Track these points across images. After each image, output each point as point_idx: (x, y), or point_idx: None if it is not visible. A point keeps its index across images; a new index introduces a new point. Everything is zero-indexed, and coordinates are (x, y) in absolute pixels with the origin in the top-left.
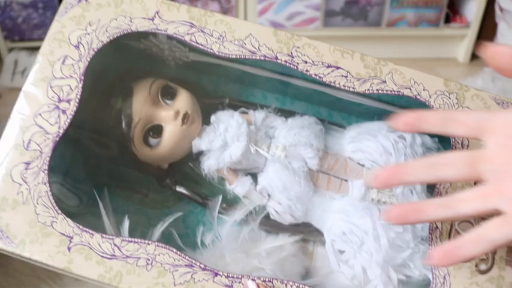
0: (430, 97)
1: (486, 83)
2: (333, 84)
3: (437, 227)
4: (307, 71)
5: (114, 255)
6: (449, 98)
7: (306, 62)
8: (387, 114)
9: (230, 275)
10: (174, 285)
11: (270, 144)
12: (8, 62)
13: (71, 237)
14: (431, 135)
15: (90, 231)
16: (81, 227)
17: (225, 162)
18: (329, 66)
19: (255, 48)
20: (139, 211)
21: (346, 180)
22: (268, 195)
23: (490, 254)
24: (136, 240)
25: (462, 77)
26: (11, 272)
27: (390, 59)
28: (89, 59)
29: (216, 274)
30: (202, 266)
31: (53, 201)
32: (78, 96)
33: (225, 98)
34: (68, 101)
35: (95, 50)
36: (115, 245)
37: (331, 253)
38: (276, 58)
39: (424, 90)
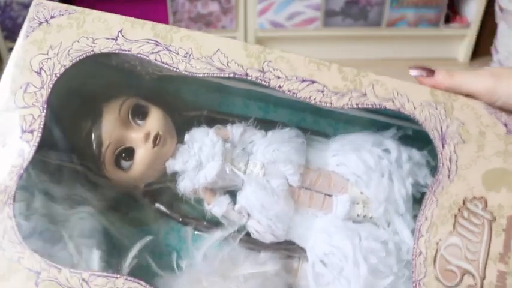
0: (415, 109)
1: None
2: (307, 100)
3: (421, 252)
4: (280, 87)
5: None
6: (437, 109)
7: (279, 77)
8: (375, 122)
9: None
10: None
11: (247, 162)
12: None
13: (39, 273)
14: (420, 149)
15: (58, 266)
16: (48, 262)
17: (200, 183)
18: (304, 80)
19: (224, 64)
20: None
21: (330, 196)
22: (248, 214)
23: (479, 280)
24: (104, 274)
25: None
26: None
27: (390, 59)
28: (51, 86)
29: None
30: None
31: (19, 236)
32: (41, 126)
33: (204, 110)
34: (31, 132)
35: (57, 75)
36: (83, 280)
37: (310, 276)
38: (246, 75)
39: (408, 101)
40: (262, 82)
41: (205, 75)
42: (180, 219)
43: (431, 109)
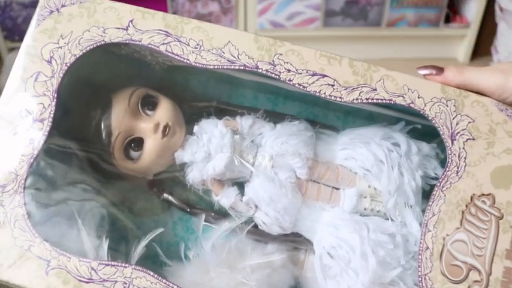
0: (425, 105)
1: None
2: (317, 94)
3: (427, 247)
4: (290, 80)
5: (91, 279)
6: (447, 106)
7: (289, 71)
8: (384, 116)
9: None
10: None
11: (256, 154)
12: (8, 62)
13: (49, 261)
14: (429, 141)
15: (68, 255)
16: (58, 250)
17: (209, 174)
18: (314, 74)
19: (234, 57)
20: (124, 223)
21: (337, 189)
22: (256, 206)
23: (485, 275)
24: (113, 263)
25: None
26: None
27: (390, 59)
28: (61, 75)
29: None
30: None
31: (29, 224)
32: (52, 115)
33: (213, 101)
34: (42, 121)
35: (68, 64)
36: (92, 268)
37: (318, 267)
38: (257, 67)
39: (418, 97)
40: (273, 75)
41: (216, 67)
42: (188, 210)
43: (441, 105)
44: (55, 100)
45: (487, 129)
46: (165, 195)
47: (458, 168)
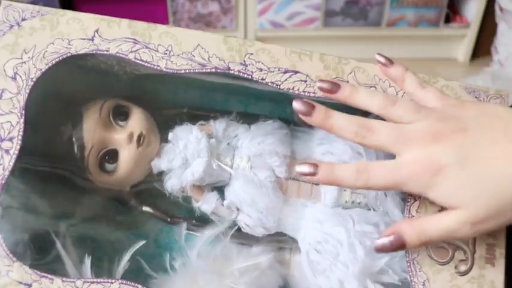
0: (397, 94)
1: (486, 83)
2: (291, 90)
3: None
4: (263, 79)
5: None
6: None
7: (261, 70)
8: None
9: None
10: None
11: (233, 156)
12: None
13: (30, 285)
14: None
15: (50, 276)
16: (39, 272)
17: (188, 181)
18: (286, 71)
19: (205, 60)
20: (106, 240)
21: (317, 185)
22: (237, 209)
23: (469, 254)
24: (98, 280)
25: (462, 77)
26: None
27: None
28: (27, 91)
29: None
30: None
31: (6, 249)
32: (21, 133)
33: (184, 107)
34: (11, 140)
35: (34, 79)
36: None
37: (306, 264)
38: (229, 69)
39: (390, 86)
40: (245, 75)
41: (187, 71)
42: (169, 220)
43: None
44: (23, 117)
45: None
46: (144, 207)
47: None
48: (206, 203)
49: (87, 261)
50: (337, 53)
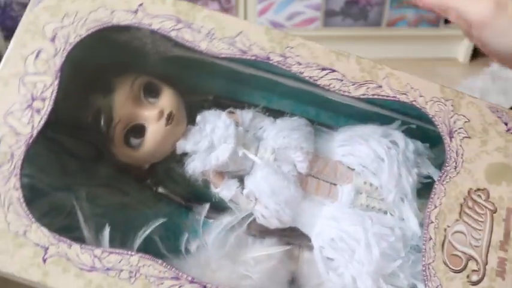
0: (426, 103)
1: (486, 83)
2: (327, 87)
3: (431, 237)
4: (301, 73)
5: (94, 268)
6: (445, 105)
7: (300, 64)
8: (378, 117)
9: None
10: None
11: (258, 147)
12: None
13: (47, 248)
14: (423, 141)
15: (68, 241)
16: (57, 236)
17: (211, 165)
18: (324, 68)
19: (246, 47)
20: (119, 214)
21: (335, 185)
22: (255, 199)
23: (481, 265)
24: (118, 251)
25: (462, 77)
26: None
27: (390, 59)
28: (65, 54)
29: (205, 287)
30: (190, 279)
31: (25, 208)
32: (54, 95)
33: (209, 94)
34: (43, 100)
35: (72, 44)
36: (95, 256)
37: (319, 260)
38: (268, 58)
39: (420, 96)
40: (284, 67)
41: (227, 55)
42: (184, 203)
43: (440, 105)
44: (58, 80)
45: (481, 129)
46: (161, 188)
47: (456, 163)
48: (226, 189)
49: (106, 231)
50: None
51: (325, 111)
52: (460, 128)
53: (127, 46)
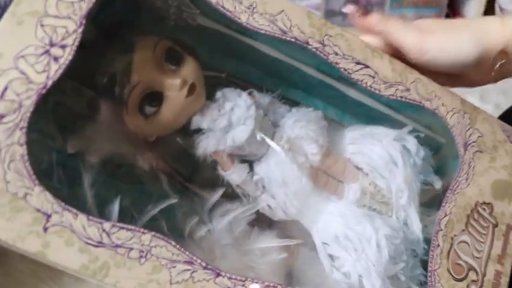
0: (447, 113)
1: None
2: (360, 82)
3: (439, 244)
4: (336, 63)
5: (101, 243)
6: (463, 118)
7: (337, 54)
8: (385, 120)
9: (233, 277)
10: (171, 283)
11: (274, 133)
12: None
13: (49, 216)
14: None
15: (74, 211)
16: (63, 204)
17: (226, 146)
18: (358, 63)
19: (287, 27)
20: (124, 189)
21: (342, 182)
22: (263, 187)
23: (480, 276)
24: (129, 227)
25: None
26: (11, 272)
27: None
28: (94, 0)
29: (218, 275)
30: (204, 265)
31: (29, 168)
32: (76, 44)
33: (223, 72)
34: (63, 47)
35: None
36: (103, 230)
37: (324, 257)
38: (307, 43)
39: (442, 105)
40: (322, 55)
41: (267, 32)
42: (184, 184)
43: (459, 116)
44: (82, 27)
45: (491, 145)
46: (161, 164)
47: (467, 175)
48: (236, 174)
49: (115, 204)
50: None
51: (333, 107)
52: (473, 142)
53: (147, 4)
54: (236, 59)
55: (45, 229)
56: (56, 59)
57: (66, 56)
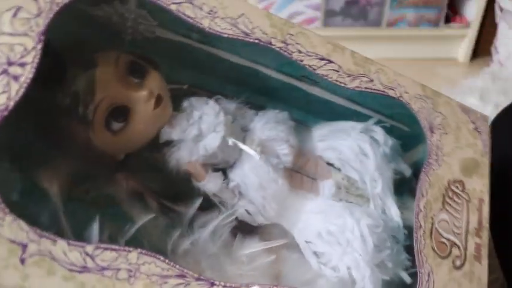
0: (410, 100)
1: (486, 83)
2: (325, 77)
3: (421, 225)
4: (301, 61)
5: (85, 268)
6: (427, 103)
7: (300, 52)
8: (350, 114)
9: (227, 285)
10: None
11: (244, 138)
12: None
13: (25, 245)
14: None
15: (51, 237)
16: (39, 231)
17: (199, 155)
18: (322, 58)
19: (249, 29)
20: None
21: (316, 180)
22: (240, 193)
23: (463, 250)
24: (113, 247)
25: (462, 77)
26: None
27: (390, 59)
28: (51, 16)
29: (212, 284)
30: (196, 276)
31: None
32: (36, 61)
33: (184, 84)
34: (22, 65)
35: (59, 5)
36: (86, 254)
37: (309, 256)
38: (270, 43)
39: (405, 92)
40: (286, 54)
41: (230, 36)
42: (157, 200)
43: (423, 102)
44: (41, 44)
45: (455, 126)
46: (131, 182)
47: (437, 156)
48: (212, 182)
49: (95, 224)
50: None
51: (296, 109)
52: (439, 124)
53: (102, 21)
54: (197, 69)
55: (22, 260)
56: (15, 78)
57: (26, 74)
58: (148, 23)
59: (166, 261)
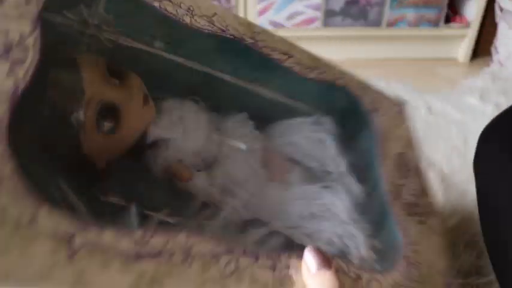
0: (354, 88)
1: (486, 83)
2: (292, 69)
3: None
4: (269, 55)
5: (140, 255)
6: (366, 90)
7: (267, 47)
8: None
9: (270, 255)
10: (223, 279)
11: (220, 135)
12: None
13: (70, 237)
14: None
15: (96, 225)
16: (81, 220)
17: (187, 154)
18: (285, 53)
19: (223, 27)
20: None
21: (285, 173)
22: (225, 190)
23: (422, 209)
24: (161, 231)
25: (462, 77)
26: None
27: (390, 59)
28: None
29: (257, 258)
30: (241, 251)
31: (28, 183)
32: (38, 46)
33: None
34: (24, 49)
35: None
36: (137, 240)
37: (301, 238)
38: (243, 39)
39: (351, 82)
40: (257, 48)
41: (210, 32)
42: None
43: (365, 89)
44: (39, 29)
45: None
46: (110, 196)
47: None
48: (197, 181)
49: (133, 210)
50: (337, 53)
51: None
52: (377, 108)
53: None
54: (157, 76)
55: (71, 256)
56: (19, 62)
57: (31, 57)
58: (112, 31)
59: (213, 238)
